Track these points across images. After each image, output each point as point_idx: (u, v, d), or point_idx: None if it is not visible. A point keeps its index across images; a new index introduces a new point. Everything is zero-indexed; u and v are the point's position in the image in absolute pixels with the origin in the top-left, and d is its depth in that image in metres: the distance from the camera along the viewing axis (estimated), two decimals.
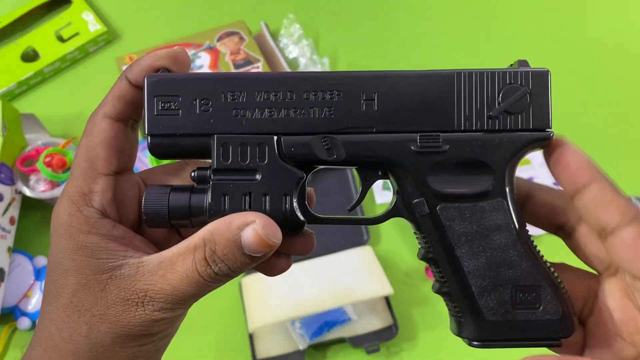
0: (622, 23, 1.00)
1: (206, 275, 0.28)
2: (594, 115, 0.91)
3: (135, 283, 0.28)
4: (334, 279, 0.72)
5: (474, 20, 1.01)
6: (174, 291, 0.28)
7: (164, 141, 0.31)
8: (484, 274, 0.29)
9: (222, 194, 0.30)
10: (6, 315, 0.74)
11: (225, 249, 0.28)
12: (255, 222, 0.28)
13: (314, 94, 0.30)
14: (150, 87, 0.30)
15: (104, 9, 1.01)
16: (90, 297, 0.29)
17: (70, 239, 0.29)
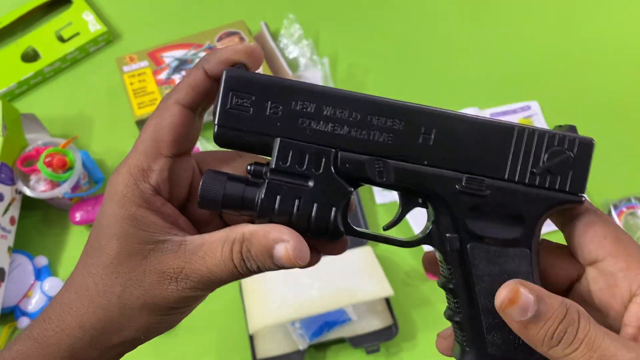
0: (622, 22, 1.00)
1: (240, 267, 0.31)
2: (594, 115, 0.91)
3: (174, 259, 0.31)
4: (334, 280, 0.72)
5: (474, 20, 1.01)
6: (208, 273, 0.31)
7: (230, 133, 0.32)
8: (496, 313, 0.30)
9: (275, 193, 0.32)
10: (6, 315, 0.74)
11: (258, 253, 0.31)
12: (289, 243, 0.30)
13: (377, 119, 0.32)
14: (227, 82, 0.32)
15: (104, 9, 1.02)
16: (130, 263, 0.31)
17: (123, 207, 0.31)
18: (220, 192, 0.32)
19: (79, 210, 0.79)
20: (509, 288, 0.29)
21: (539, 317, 0.28)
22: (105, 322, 0.31)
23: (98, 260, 0.32)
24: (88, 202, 0.79)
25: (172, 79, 0.86)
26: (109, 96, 0.91)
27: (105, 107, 0.91)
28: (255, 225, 0.31)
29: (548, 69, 0.96)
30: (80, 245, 0.87)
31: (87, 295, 0.32)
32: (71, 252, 0.79)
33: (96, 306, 0.31)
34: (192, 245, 0.31)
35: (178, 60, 0.89)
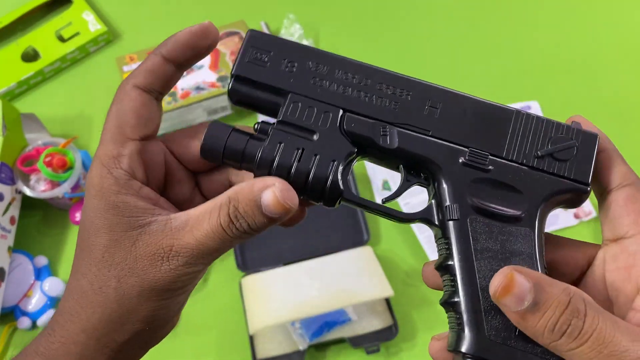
0: (622, 22, 1.00)
1: (229, 230, 0.30)
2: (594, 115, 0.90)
3: (162, 238, 0.30)
4: (334, 280, 0.72)
5: (475, 20, 1.01)
6: (199, 245, 0.30)
7: (244, 88, 0.34)
8: None
9: (278, 142, 0.32)
10: (6, 315, 0.74)
11: (246, 207, 0.30)
12: (275, 185, 0.30)
13: (387, 87, 0.34)
14: (251, 39, 0.34)
15: (104, 9, 1.02)
16: (120, 253, 0.31)
17: (102, 199, 0.31)
18: (223, 142, 0.33)
19: (79, 210, 0.79)
20: (502, 274, 0.27)
21: (537, 305, 0.25)
22: (106, 319, 0.31)
23: (89, 258, 0.31)
24: None
25: None
26: (109, 96, 0.90)
27: (105, 107, 0.89)
28: (239, 184, 0.31)
29: (548, 69, 0.96)
30: None
31: (84, 297, 0.31)
32: (71, 252, 0.79)
33: (94, 305, 0.31)
34: (178, 222, 0.31)
35: None
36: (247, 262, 0.77)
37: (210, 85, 0.85)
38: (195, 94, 0.84)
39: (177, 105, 0.83)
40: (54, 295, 0.74)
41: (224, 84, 0.85)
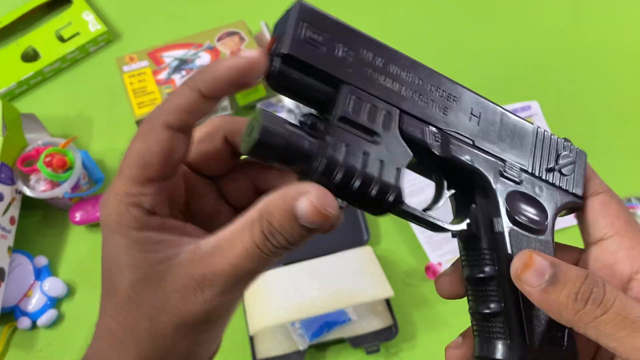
0: (622, 22, 1.00)
1: (266, 248, 0.27)
2: (594, 115, 0.91)
3: (193, 267, 0.27)
4: (335, 281, 0.72)
5: (475, 20, 1.01)
6: (234, 269, 0.27)
7: (294, 73, 0.28)
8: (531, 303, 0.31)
9: (342, 142, 0.28)
10: (6, 315, 0.73)
11: (281, 221, 0.27)
12: (310, 192, 0.26)
13: (437, 90, 0.32)
14: (301, 12, 0.28)
15: (104, 9, 1.02)
16: (149, 290, 0.28)
17: (122, 236, 0.28)
18: (284, 139, 0.27)
19: (78, 210, 0.79)
20: (521, 255, 0.28)
21: (557, 278, 0.27)
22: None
23: (115, 299, 0.28)
24: (88, 202, 0.79)
25: (172, 78, 0.86)
26: (109, 96, 0.91)
27: (105, 107, 0.91)
28: (268, 195, 0.27)
29: (548, 69, 0.96)
30: (80, 245, 0.87)
31: (116, 341, 0.29)
32: (71, 252, 0.79)
33: (127, 347, 0.28)
34: (208, 247, 0.28)
35: (178, 60, 0.89)
36: None
37: None
38: None
39: None
40: (53, 295, 0.74)
41: None
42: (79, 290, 0.77)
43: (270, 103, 0.90)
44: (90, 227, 0.81)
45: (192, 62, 0.88)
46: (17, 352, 0.72)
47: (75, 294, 0.76)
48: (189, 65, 0.88)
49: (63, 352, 0.72)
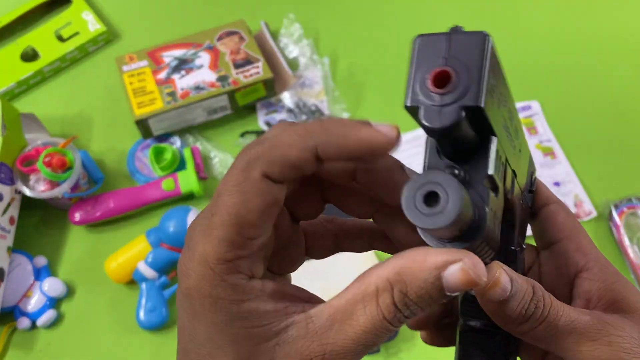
0: (622, 22, 1.00)
1: (395, 320, 0.23)
2: (594, 115, 0.91)
3: (308, 345, 0.23)
4: (335, 281, 0.72)
5: (474, 20, 1.01)
6: (356, 345, 0.23)
7: (463, 125, 0.22)
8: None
9: (491, 209, 0.24)
10: (6, 315, 0.73)
11: (420, 292, 0.23)
12: (464, 261, 0.23)
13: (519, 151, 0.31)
14: (492, 54, 0.22)
15: (104, 9, 1.01)
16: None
17: (220, 312, 0.24)
18: (470, 216, 0.23)
19: (78, 210, 0.79)
20: (493, 272, 0.26)
21: (515, 296, 0.27)
22: None
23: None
24: (88, 202, 0.79)
25: (172, 78, 0.86)
26: (109, 96, 0.91)
27: (104, 107, 0.90)
28: (397, 259, 0.23)
29: (548, 69, 0.95)
30: (80, 245, 0.87)
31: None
32: (71, 252, 0.79)
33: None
34: (322, 320, 0.24)
35: (178, 60, 0.89)
36: None
37: (210, 85, 0.85)
38: (194, 93, 0.84)
39: (177, 105, 0.83)
40: (53, 295, 0.74)
41: (223, 83, 0.85)
42: (78, 290, 0.76)
43: (270, 103, 0.90)
44: (90, 227, 0.81)
45: (192, 61, 0.88)
46: (17, 352, 0.72)
47: (75, 294, 0.76)
48: (189, 65, 0.88)
49: (63, 352, 0.72)
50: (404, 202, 0.22)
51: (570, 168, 0.85)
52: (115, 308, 0.75)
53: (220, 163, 0.85)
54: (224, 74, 0.86)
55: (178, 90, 0.85)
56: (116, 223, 0.81)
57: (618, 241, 0.78)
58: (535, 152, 0.87)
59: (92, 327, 0.74)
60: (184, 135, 0.87)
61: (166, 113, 0.83)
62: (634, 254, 0.76)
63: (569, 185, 0.83)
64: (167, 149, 0.82)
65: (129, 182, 0.84)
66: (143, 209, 0.80)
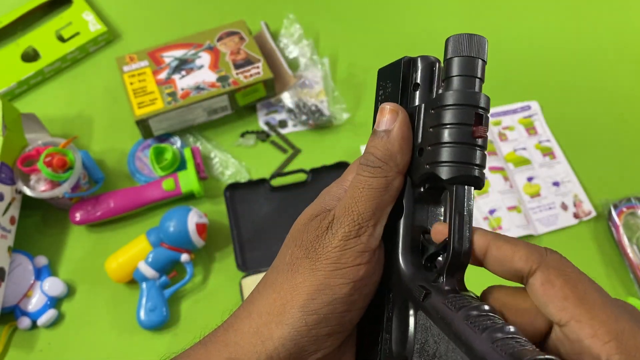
0: (622, 22, 1.00)
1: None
2: (594, 115, 0.91)
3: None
4: None
5: (475, 20, 1.01)
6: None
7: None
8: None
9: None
10: (6, 315, 0.74)
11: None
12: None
13: None
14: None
15: (104, 9, 1.02)
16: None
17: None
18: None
19: (79, 210, 0.79)
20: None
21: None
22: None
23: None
24: (88, 202, 0.79)
25: (172, 78, 0.86)
26: (109, 96, 0.91)
27: (105, 107, 0.91)
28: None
29: (548, 69, 0.96)
30: (80, 245, 0.87)
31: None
32: (71, 252, 0.79)
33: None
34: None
35: (178, 60, 0.89)
36: (247, 262, 0.77)
37: (210, 85, 0.85)
38: (195, 94, 0.84)
39: (177, 105, 0.83)
40: (53, 295, 0.74)
41: (223, 84, 0.85)
42: (79, 290, 0.77)
43: (270, 103, 0.90)
44: (91, 227, 0.81)
45: (192, 62, 0.88)
46: (17, 352, 0.72)
47: (75, 294, 0.76)
48: (189, 65, 0.88)
49: (63, 352, 0.73)
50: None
51: (570, 168, 0.85)
52: (116, 308, 0.75)
53: (220, 163, 0.85)
54: (224, 74, 0.86)
55: (178, 91, 0.85)
56: (116, 223, 0.81)
57: (617, 241, 0.78)
58: (535, 152, 0.87)
59: (92, 326, 0.74)
60: (184, 135, 0.87)
61: (166, 113, 0.83)
62: (633, 253, 0.76)
63: (568, 185, 0.83)
64: (168, 149, 0.82)
65: (129, 182, 0.84)
66: (143, 209, 0.81)
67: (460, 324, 0.26)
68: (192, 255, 0.75)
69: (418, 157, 0.31)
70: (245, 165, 0.85)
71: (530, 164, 0.86)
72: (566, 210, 0.82)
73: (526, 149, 0.87)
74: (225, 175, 0.85)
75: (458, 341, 0.26)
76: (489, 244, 0.28)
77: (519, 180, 0.84)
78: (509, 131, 0.88)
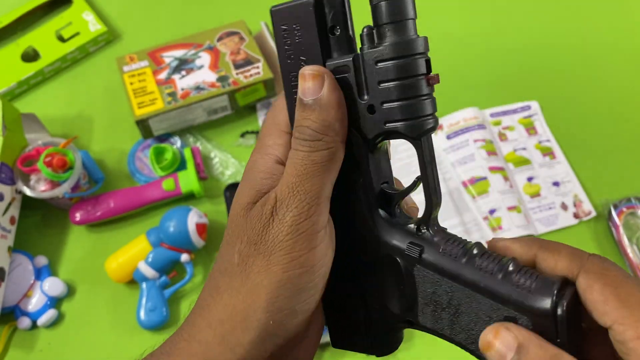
0: (622, 22, 1.00)
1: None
2: (594, 115, 0.91)
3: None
4: None
5: (475, 20, 1.01)
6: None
7: None
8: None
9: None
10: (6, 315, 0.74)
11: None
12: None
13: None
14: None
15: (104, 9, 1.02)
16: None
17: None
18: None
19: (79, 210, 0.79)
20: (491, 328, 0.26)
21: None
22: (231, 311, 0.28)
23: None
24: (88, 202, 0.79)
25: (172, 78, 0.86)
26: (109, 96, 0.91)
27: (105, 107, 0.91)
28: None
29: (548, 69, 0.96)
30: (80, 245, 0.87)
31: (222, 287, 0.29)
32: (71, 252, 0.79)
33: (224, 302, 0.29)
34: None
35: (178, 60, 0.89)
36: None
37: (210, 85, 0.85)
38: (195, 94, 0.84)
39: (177, 105, 0.83)
40: (53, 295, 0.74)
41: (223, 84, 0.85)
42: (79, 290, 0.77)
43: (270, 103, 0.90)
44: (90, 227, 0.81)
45: (192, 62, 0.88)
46: (17, 352, 0.72)
47: (75, 294, 0.76)
48: (189, 65, 0.88)
49: (63, 352, 0.73)
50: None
51: (570, 168, 0.85)
52: (116, 308, 0.75)
53: (220, 163, 0.85)
54: (224, 74, 0.86)
55: (178, 91, 0.85)
56: (116, 223, 0.81)
57: (617, 241, 0.78)
58: (535, 152, 0.87)
59: (92, 326, 0.74)
60: (184, 135, 0.87)
61: (166, 113, 0.83)
62: (633, 253, 0.76)
63: (568, 185, 0.83)
64: (168, 149, 0.82)
65: (129, 182, 0.84)
66: (143, 209, 0.81)
67: (471, 272, 0.27)
68: (192, 255, 0.75)
69: (368, 115, 0.29)
70: (245, 165, 0.85)
71: (530, 164, 0.86)
72: (566, 210, 0.82)
73: (526, 149, 0.87)
74: (225, 175, 0.85)
75: (476, 287, 0.27)
76: (535, 257, 0.28)
77: (519, 180, 0.84)
78: (509, 131, 0.88)
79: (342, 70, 0.29)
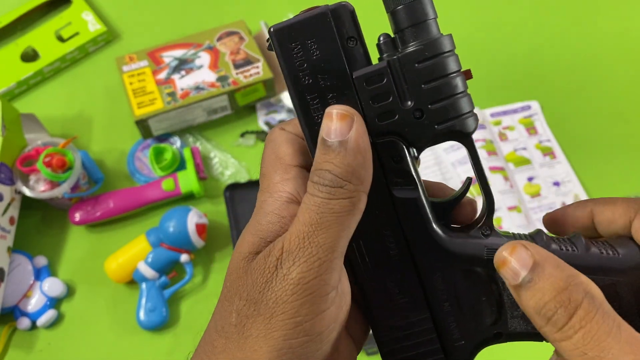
0: (622, 22, 1.00)
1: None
2: (594, 115, 0.91)
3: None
4: None
5: (475, 20, 1.01)
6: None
7: None
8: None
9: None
10: (6, 315, 0.73)
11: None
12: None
13: None
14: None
15: (104, 9, 1.01)
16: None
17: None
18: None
19: (78, 210, 0.79)
20: (507, 245, 0.25)
21: (531, 283, 0.23)
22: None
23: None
24: (87, 202, 0.79)
25: (172, 78, 0.86)
26: (109, 96, 0.91)
27: (104, 107, 0.90)
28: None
29: (548, 69, 0.95)
30: (80, 245, 0.87)
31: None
32: (71, 252, 0.79)
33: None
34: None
35: (178, 60, 0.89)
36: None
37: (210, 85, 0.85)
38: (194, 93, 0.84)
39: (177, 105, 0.83)
40: (53, 295, 0.74)
41: (223, 84, 0.85)
42: (78, 291, 0.76)
43: (270, 103, 0.90)
44: (90, 227, 0.81)
45: (192, 62, 0.88)
46: (17, 352, 0.72)
47: (75, 294, 0.76)
48: (189, 65, 0.88)
49: (63, 352, 0.72)
50: None
51: (570, 168, 0.85)
52: (115, 308, 0.75)
53: (220, 163, 0.85)
54: (223, 74, 0.86)
55: (178, 91, 0.85)
56: (116, 223, 0.81)
57: None
58: (535, 152, 0.87)
59: (92, 327, 0.74)
60: (184, 135, 0.87)
61: (166, 113, 0.83)
62: None
63: (568, 185, 0.83)
64: (167, 149, 0.82)
65: (129, 182, 0.84)
66: (143, 209, 0.81)
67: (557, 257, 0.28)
68: (192, 255, 0.75)
69: (416, 121, 0.27)
70: (245, 165, 0.85)
71: (531, 163, 0.85)
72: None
73: (526, 149, 0.87)
74: (225, 175, 0.84)
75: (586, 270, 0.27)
76: (592, 212, 0.29)
77: (519, 180, 0.84)
78: (509, 131, 0.88)
79: (375, 79, 0.27)
